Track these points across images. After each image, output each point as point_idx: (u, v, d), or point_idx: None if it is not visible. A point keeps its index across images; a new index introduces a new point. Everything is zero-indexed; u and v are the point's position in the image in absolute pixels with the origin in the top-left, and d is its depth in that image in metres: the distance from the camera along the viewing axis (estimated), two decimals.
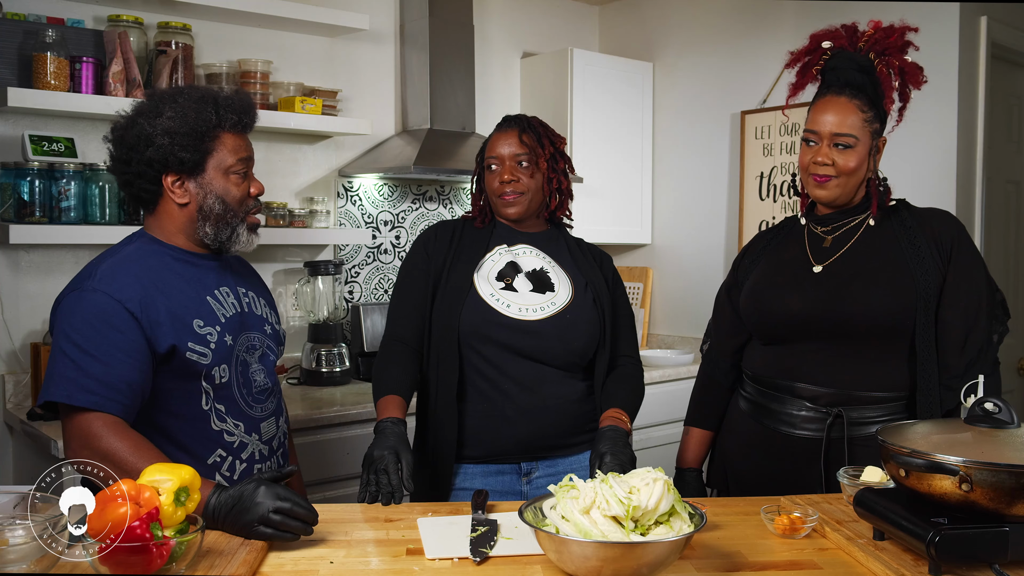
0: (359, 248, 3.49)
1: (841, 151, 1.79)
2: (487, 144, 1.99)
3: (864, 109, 1.79)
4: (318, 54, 3.35)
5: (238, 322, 1.73)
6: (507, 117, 2.01)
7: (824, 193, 1.84)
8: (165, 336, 1.58)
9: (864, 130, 1.79)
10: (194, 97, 1.66)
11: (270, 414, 1.78)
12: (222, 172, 1.68)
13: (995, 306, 1.82)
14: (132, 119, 1.67)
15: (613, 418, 1.83)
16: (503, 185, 1.93)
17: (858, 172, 1.81)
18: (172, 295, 1.63)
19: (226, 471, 1.68)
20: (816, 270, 1.85)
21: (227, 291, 1.74)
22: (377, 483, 1.62)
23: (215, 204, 1.68)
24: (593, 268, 2.00)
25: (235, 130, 1.70)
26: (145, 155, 1.63)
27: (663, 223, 4.03)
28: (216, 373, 1.65)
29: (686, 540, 1.23)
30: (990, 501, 1.23)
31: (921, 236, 1.81)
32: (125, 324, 1.55)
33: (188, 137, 1.63)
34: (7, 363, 2.70)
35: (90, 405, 1.50)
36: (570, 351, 1.89)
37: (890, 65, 1.82)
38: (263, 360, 1.78)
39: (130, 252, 1.66)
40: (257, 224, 1.76)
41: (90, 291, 1.57)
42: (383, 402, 1.80)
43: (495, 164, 1.95)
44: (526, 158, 1.93)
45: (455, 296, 1.88)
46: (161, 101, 1.66)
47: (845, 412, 1.78)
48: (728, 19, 3.76)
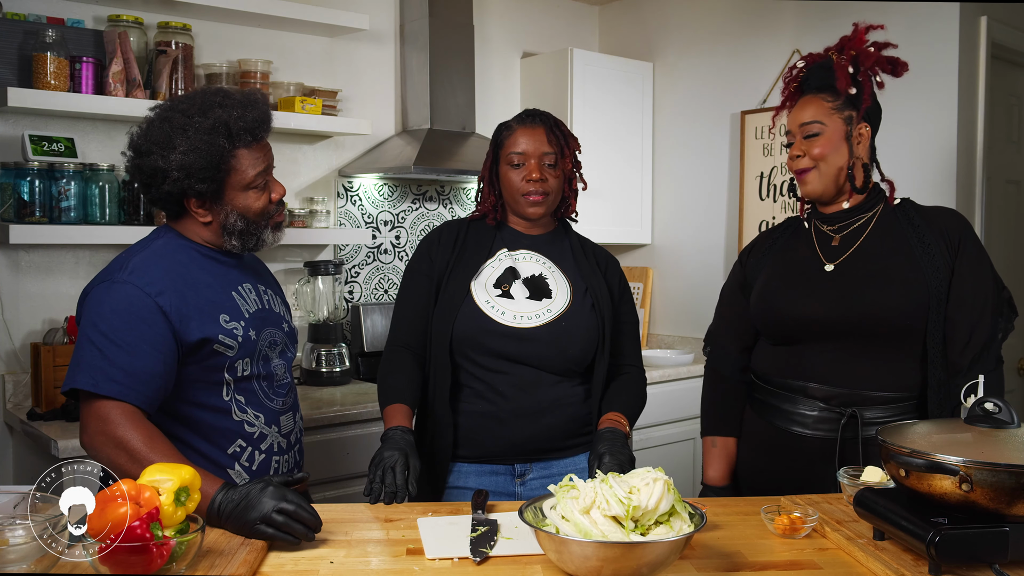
0: (359, 248, 3.49)
1: (810, 140, 1.84)
2: (507, 137, 1.92)
3: (828, 99, 1.84)
4: (318, 54, 3.35)
5: (260, 318, 1.75)
6: (530, 111, 1.95)
7: (807, 188, 1.88)
8: (195, 329, 1.61)
9: (831, 116, 1.83)
10: (206, 127, 1.63)
11: (288, 408, 1.81)
12: (241, 189, 1.69)
13: (1002, 303, 1.82)
14: (147, 148, 1.65)
15: (611, 420, 1.83)
16: (529, 184, 1.88)
17: (831, 159, 1.83)
18: (200, 290, 1.66)
19: (245, 461, 1.70)
20: (828, 268, 1.85)
21: (249, 287, 1.77)
22: (382, 481, 1.62)
23: (237, 221, 1.70)
24: (595, 273, 1.97)
25: (250, 145, 1.69)
26: (163, 188, 1.65)
27: (663, 223, 4.03)
28: (239, 366, 1.68)
29: (686, 540, 1.23)
30: (990, 501, 1.23)
31: (929, 233, 1.81)
32: (153, 317, 1.58)
33: (204, 171, 1.63)
34: (7, 363, 2.70)
35: (114, 394, 1.53)
36: (566, 358, 1.88)
37: (857, 58, 1.84)
38: (283, 356, 1.81)
39: (159, 247, 1.69)
40: (282, 222, 1.79)
41: (120, 283, 1.59)
42: (390, 410, 1.80)
43: (520, 160, 1.89)
44: (553, 158, 1.89)
45: (451, 303, 1.87)
46: (173, 131, 1.64)
47: (859, 412, 1.78)
48: (728, 19, 3.76)
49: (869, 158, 1.87)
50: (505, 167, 1.92)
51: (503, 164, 1.93)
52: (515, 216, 1.97)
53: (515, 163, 1.89)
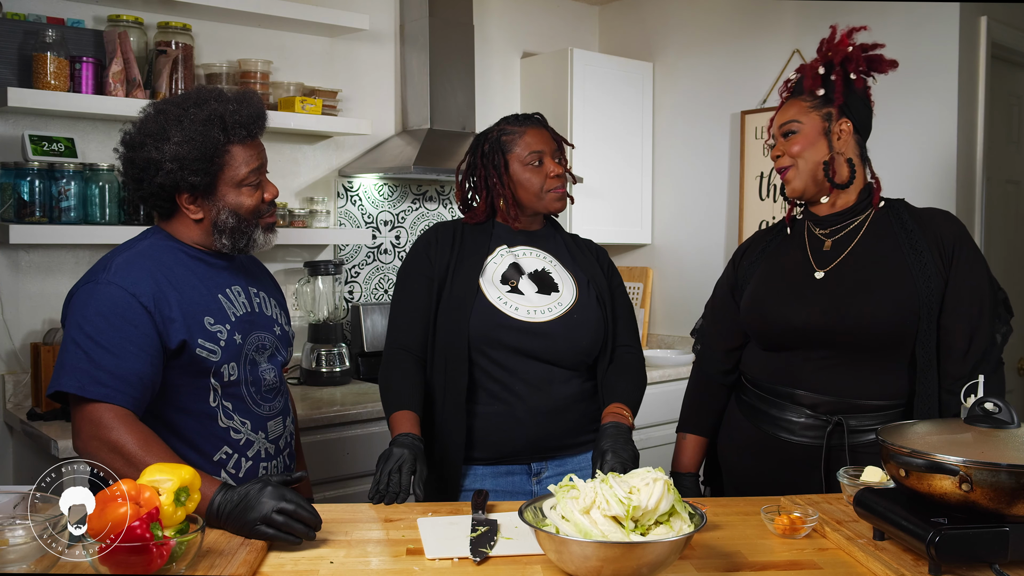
0: (359, 248, 3.49)
1: (789, 139, 1.87)
2: (518, 139, 1.94)
3: (806, 100, 1.87)
4: (318, 54, 3.35)
5: (248, 321, 1.73)
6: (529, 115, 2.00)
7: (790, 187, 1.90)
8: (176, 332, 1.59)
9: (807, 114, 1.85)
10: (200, 118, 1.63)
11: (277, 413, 1.79)
12: (234, 186, 1.68)
13: (998, 305, 1.81)
14: (140, 140, 1.65)
15: (615, 414, 1.83)
16: (555, 179, 1.94)
17: (807, 155, 1.85)
18: (184, 291, 1.64)
19: (232, 468, 1.69)
20: (818, 276, 1.85)
21: (239, 290, 1.75)
22: (388, 480, 1.62)
23: (228, 218, 1.68)
24: (592, 263, 2.00)
25: (245, 141, 1.68)
26: (156, 180, 1.63)
27: (663, 223, 4.04)
28: (225, 371, 1.66)
29: (686, 540, 1.23)
30: (990, 501, 1.23)
31: (922, 239, 1.80)
32: (138, 318, 1.56)
33: (197, 162, 1.62)
34: (7, 363, 2.70)
35: (101, 397, 1.51)
36: (578, 350, 1.89)
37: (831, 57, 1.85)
38: (272, 360, 1.79)
39: (144, 248, 1.67)
40: (273, 223, 1.77)
41: (104, 283, 1.58)
42: (397, 418, 1.79)
43: (539, 159, 1.93)
44: (560, 154, 1.97)
45: (462, 301, 1.87)
46: (168, 122, 1.63)
47: (845, 420, 1.78)
48: (728, 19, 3.76)
49: (858, 156, 1.87)
50: (518, 167, 1.94)
51: (515, 165, 1.94)
52: (521, 216, 1.98)
53: (533, 162, 1.93)
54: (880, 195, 1.88)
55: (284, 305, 1.91)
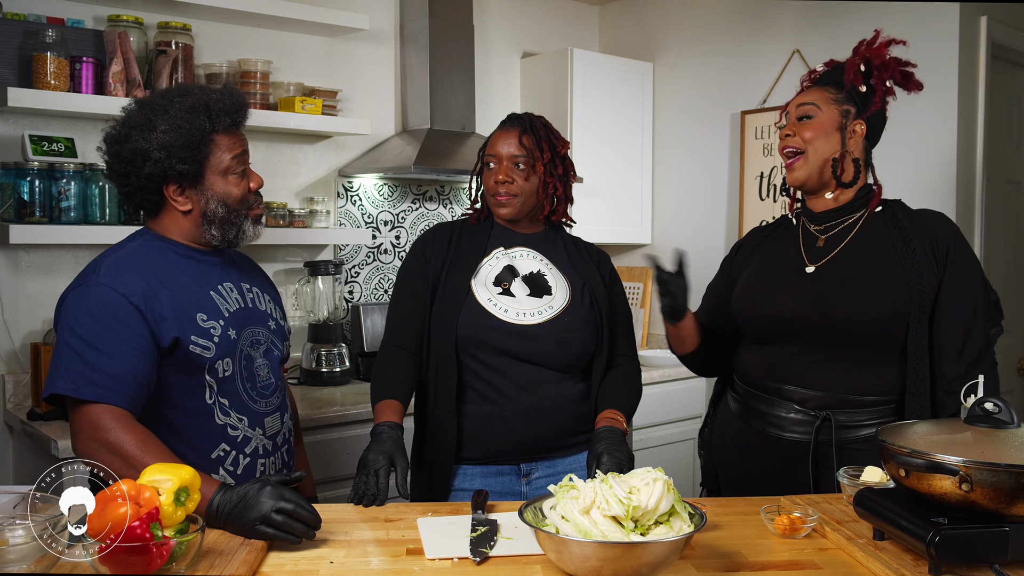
0: (359, 248, 3.49)
1: (803, 123, 1.85)
2: (488, 141, 1.99)
3: (831, 91, 1.86)
4: (318, 54, 3.35)
5: (242, 317, 1.74)
6: (512, 115, 2.00)
7: (793, 175, 1.88)
8: (169, 329, 1.59)
9: (828, 104, 1.84)
10: (186, 106, 1.65)
11: (274, 409, 1.78)
12: (220, 174, 1.69)
13: (990, 307, 1.82)
14: (126, 133, 1.66)
15: (609, 419, 1.84)
16: (497, 185, 1.93)
17: (819, 145, 1.83)
18: (175, 289, 1.64)
19: (229, 466, 1.69)
20: (809, 270, 1.86)
21: (231, 286, 1.75)
22: (365, 484, 1.64)
23: (218, 208, 1.69)
24: (591, 268, 2.00)
25: (228, 130, 1.70)
26: (144, 170, 1.63)
27: (663, 223, 4.03)
28: (220, 367, 1.66)
29: (686, 540, 1.23)
30: (990, 501, 1.23)
31: (916, 238, 1.81)
32: (129, 317, 1.56)
33: (184, 149, 1.63)
34: (7, 363, 2.70)
35: (96, 398, 1.51)
36: (568, 354, 1.89)
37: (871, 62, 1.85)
38: (268, 355, 1.79)
39: (133, 248, 1.67)
40: (261, 216, 1.78)
41: (94, 285, 1.58)
42: (380, 406, 1.81)
43: (493, 162, 1.95)
44: (523, 160, 1.92)
45: (452, 301, 1.88)
46: (153, 112, 1.65)
47: (833, 416, 1.78)
48: (728, 19, 3.76)
49: (863, 159, 1.87)
50: (484, 170, 1.98)
51: (484, 167, 1.98)
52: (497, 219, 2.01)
53: (490, 165, 1.96)
54: (879, 199, 1.88)
55: (278, 299, 1.91)
